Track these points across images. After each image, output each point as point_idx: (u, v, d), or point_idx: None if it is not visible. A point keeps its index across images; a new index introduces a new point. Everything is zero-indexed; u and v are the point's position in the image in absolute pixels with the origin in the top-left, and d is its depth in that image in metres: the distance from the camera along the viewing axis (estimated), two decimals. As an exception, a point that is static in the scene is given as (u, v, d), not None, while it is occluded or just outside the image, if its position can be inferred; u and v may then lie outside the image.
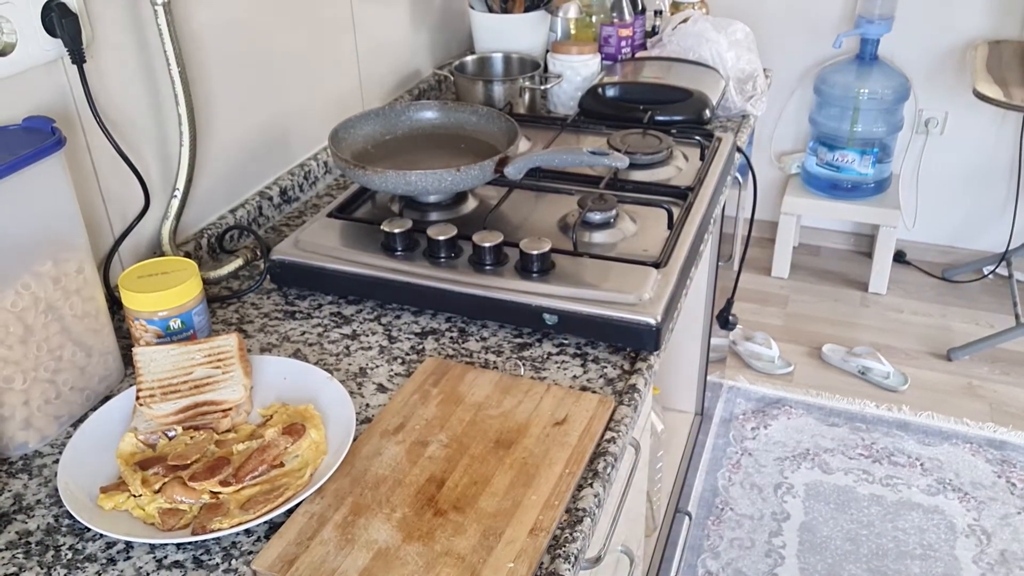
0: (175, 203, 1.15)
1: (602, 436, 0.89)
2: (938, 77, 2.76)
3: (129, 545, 0.78)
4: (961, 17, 2.65)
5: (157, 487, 0.80)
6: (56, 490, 0.84)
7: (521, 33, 1.75)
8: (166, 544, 0.78)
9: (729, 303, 1.90)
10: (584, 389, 0.96)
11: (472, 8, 1.76)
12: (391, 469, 0.84)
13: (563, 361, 1.01)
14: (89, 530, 0.79)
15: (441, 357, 1.02)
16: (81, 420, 0.93)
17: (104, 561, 0.77)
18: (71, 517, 0.81)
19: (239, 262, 1.20)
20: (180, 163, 1.14)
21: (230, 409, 0.88)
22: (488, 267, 1.08)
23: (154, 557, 0.77)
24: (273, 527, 0.79)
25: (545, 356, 1.02)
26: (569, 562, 0.75)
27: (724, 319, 1.90)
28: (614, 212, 1.17)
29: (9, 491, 0.84)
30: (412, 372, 0.99)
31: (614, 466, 0.87)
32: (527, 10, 1.77)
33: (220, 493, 0.80)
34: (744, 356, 2.57)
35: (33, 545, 0.78)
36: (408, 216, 1.20)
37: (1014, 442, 2.25)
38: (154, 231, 1.17)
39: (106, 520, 0.78)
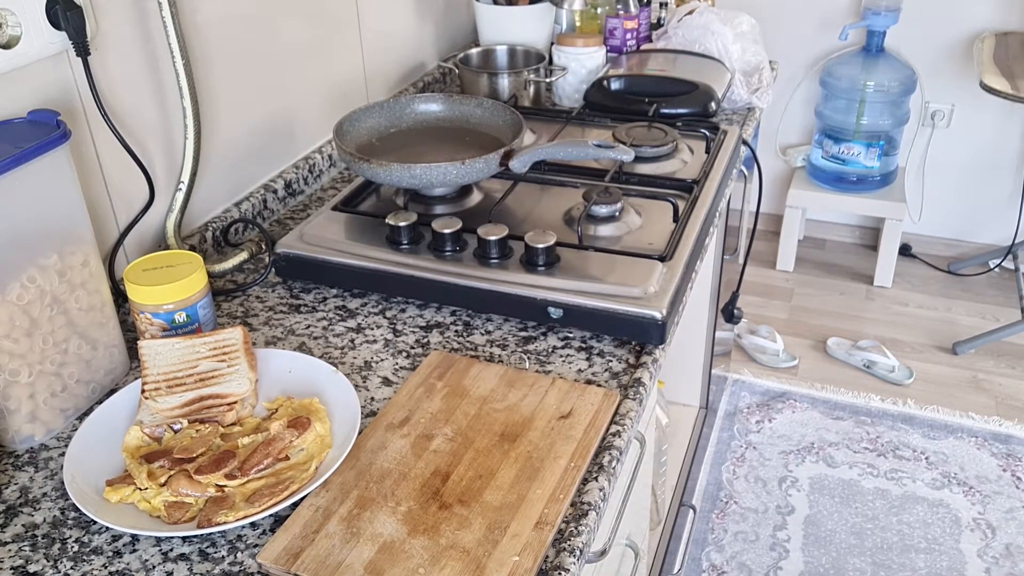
0: (180, 196, 1.15)
1: (607, 430, 0.89)
2: (945, 69, 2.74)
3: (135, 538, 0.78)
4: (968, 8, 2.64)
5: (163, 480, 0.80)
6: (62, 483, 0.84)
7: (526, 25, 1.74)
8: (172, 537, 0.78)
9: (734, 296, 1.90)
10: (589, 383, 0.96)
11: (477, 0, 1.76)
12: (396, 462, 0.84)
13: (568, 355, 1.01)
14: (95, 523, 0.80)
15: (446, 350, 1.02)
16: (87, 413, 0.93)
17: (110, 554, 0.77)
18: (77, 510, 0.81)
19: (244, 255, 1.20)
20: (185, 156, 1.14)
21: (235, 402, 0.88)
22: (493, 260, 1.07)
23: (160, 550, 0.77)
24: (278, 520, 0.80)
25: (550, 349, 1.02)
26: (574, 556, 0.75)
27: (729, 312, 1.90)
28: (619, 205, 1.17)
29: (15, 484, 0.84)
30: (417, 366, 0.99)
31: (619, 460, 0.87)
32: (532, 2, 1.76)
33: (226, 486, 0.80)
34: (749, 350, 2.56)
35: (39, 538, 0.79)
36: (413, 209, 1.20)
37: (1019, 436, 2.25)
38: (159, 224, 1.17)
39: (112, 513, 0.78)
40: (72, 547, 0.78)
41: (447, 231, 1.09)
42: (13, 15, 0.91)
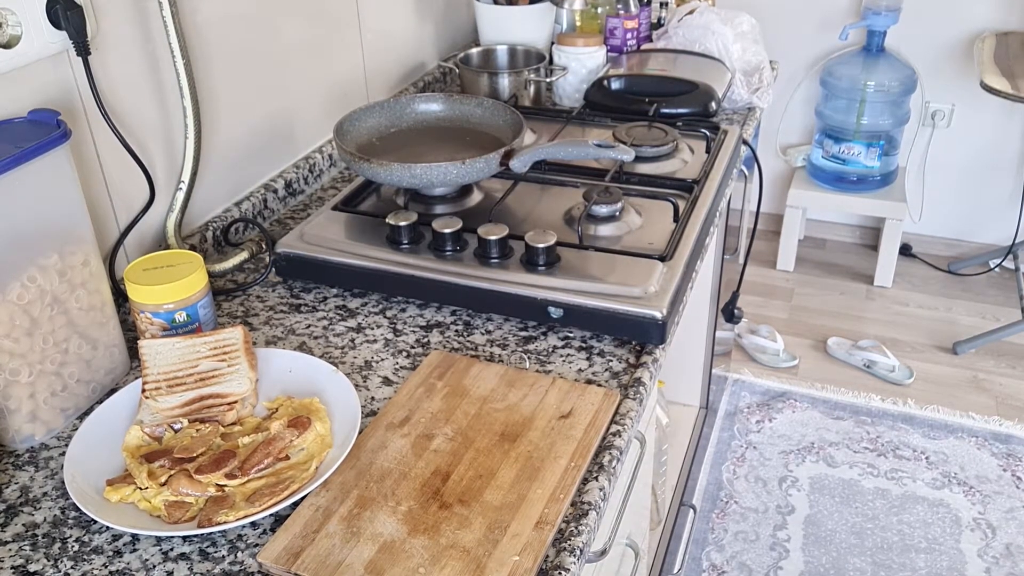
0: (180, 196, 1.15)
1: (607, 429, 0.89)
2: (945, 69, 2.74)
3: (135, 537, 0.78)
4: (968, 8, 2.63)
5: (163, 480, 0.80)
6: (62, 483, 0.84)
7: (526, 25, 1.74)
8: (172, 536, 0.78)
9: (734, 296, 1.90)
10: (589, 382, 0.96)
11: (477, 0, 1.76)
12: (396, 462, 0.84)
13: (568, 354, 1.01)
14: (95, 522, 0.80)
15: (446, 350, 1.02)
16: (87, 413, 0.93)
17: (110, 553, 0.77)
18: (77, 509, 0.81)
19: (244, 255, 1.20)
20: (185, 156, 1.14)
21: (236, 402, 0.88)
22: (493, 260, 1.07)
23: (160, 549, 0.77)
24: (279, 520, 0.80)
25: (550, 349, 1.02)
26: (574, 555, 0.75)
27: (729, 312, 1.90)
28: (620, 205, 1.17)
29: (16, 483, 0.84)
30: (417, 365, 0.99)
31: (619, 459, 0.87)
32: (532, 2, 1.76)
33: (226, 486, 0.80)
34: (749, 349, 2.56)
35: (40, 537, 0.79)
36: (413, 209, 1.20)
37: (1019, 436, 2.25)
38: (159, 224, 1.17)
39: (112, 512, 0.78)
40: (72, 546, 0.78)
41: (447, 231, 1.09)
42: (13, 15, 0.91)
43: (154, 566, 0.76)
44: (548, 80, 1.62)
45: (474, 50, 1.71)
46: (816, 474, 2.15)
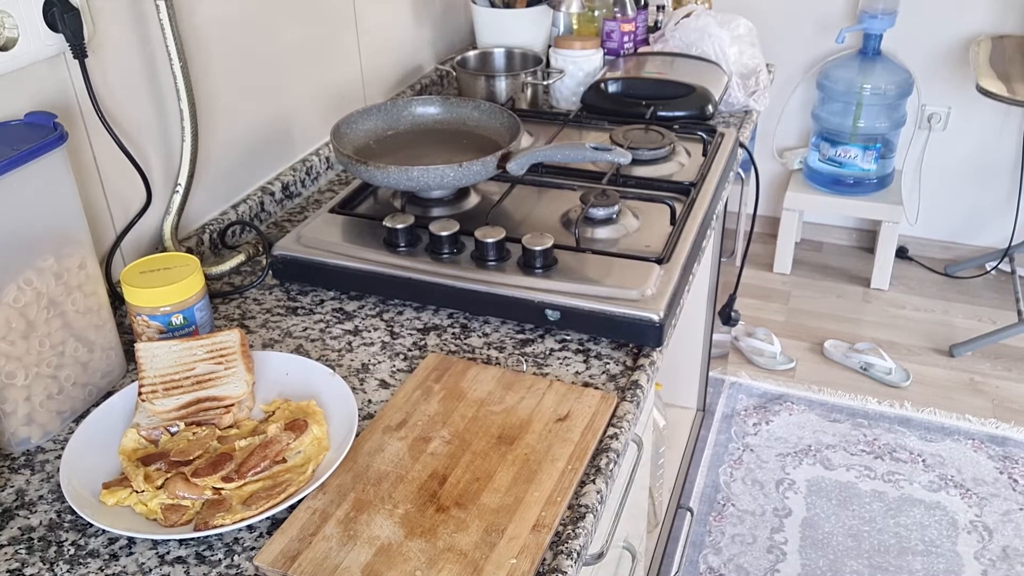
0: (177, 198, 1.15)
1: (604, 432, 0.89)
2: (941, 72, 2.75)
3: (131, 541, 0.78)
4: (964, 12, 2.64)
5: (159, 483, 0.80)
6: (58, 486, 0.84)
7: (523, 28, 1.74)
8: (168, 540, 0.78)
9: (731, 299, 1.90)
10: (587, 385, 0.96)
11: (474, 3, 1.76)
12: (393, 465, 0.84)
13: (565, 357, 1.01)
14: (91, 526, 0.80)
15: (443, 353, 1.02)
16: (83, 416, 0.93)
17: (107, 557, 0.77)
18: (73, 513, 0.81)
19: (241, 258, 1.20)
20: (182, 158, 1.14)
21: (232, 405, 0.88)
22: (490, 263, 1.07)
23: (156, 553, 0.77)
24: (275, 523, 0.79)
25: (547, 352, 1.02)
26: (572, 558, 0.75)
27: (726, 315, 1.90)
28: (616, 208, 1.17)
29: (11, 487, 0.84)
30: (414, 368, 0.99)
31: (616, 462, 0.87)
32: (529, 5, 1.77)
33: (222, 489, 0.80)
34: (746, 352, 2.57)
35: (35, 541, 0.78)
36: (410, 212, 1.20)
37: (1016, 438, 2.25)
38: (156, 226, 1.17)
39: (108, 516, 0.78)
40: (68, 550, 0.77)
41: (444, 233, 1.09)
42: (10, 17, 0.91)
43: (150, 570, 0.75)
44: (545, 83, 1.63)
45: (471, 53, 1.71)
46: (813, 477, 2.15)
